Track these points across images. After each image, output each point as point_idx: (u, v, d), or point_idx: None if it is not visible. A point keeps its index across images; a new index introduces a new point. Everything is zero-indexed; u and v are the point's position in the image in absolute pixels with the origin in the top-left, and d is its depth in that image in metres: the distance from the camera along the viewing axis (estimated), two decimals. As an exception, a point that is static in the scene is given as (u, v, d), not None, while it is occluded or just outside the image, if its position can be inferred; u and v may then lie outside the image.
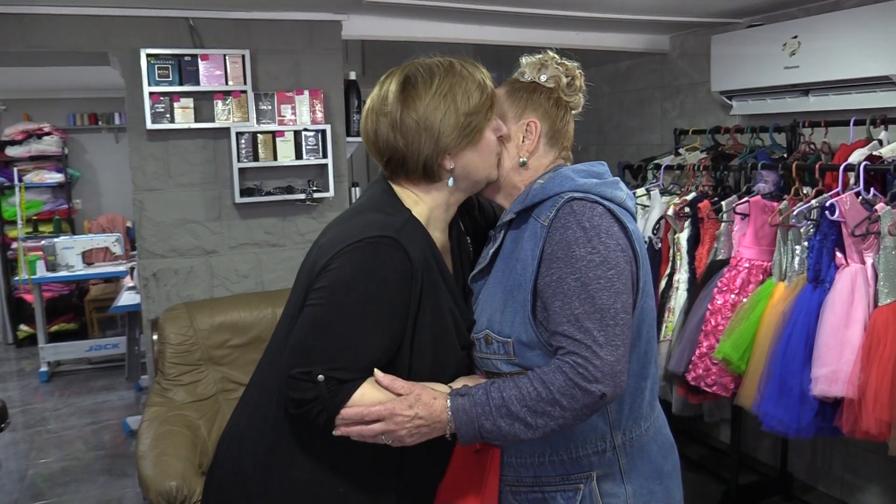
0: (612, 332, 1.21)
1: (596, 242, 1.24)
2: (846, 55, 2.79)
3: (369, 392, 1.23)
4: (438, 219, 1.37)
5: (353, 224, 1.29)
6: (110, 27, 3.00)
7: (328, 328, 1.22)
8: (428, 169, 1.31)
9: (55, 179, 6.83)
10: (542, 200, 1.32)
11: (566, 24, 3.50)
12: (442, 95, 1.28)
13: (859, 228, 2.33)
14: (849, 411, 2.29)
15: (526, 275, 1.29)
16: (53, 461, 3.96)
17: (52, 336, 5.75)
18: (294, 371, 1.20)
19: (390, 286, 1.22)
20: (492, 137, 1.35)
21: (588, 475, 1.34)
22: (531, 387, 1.22)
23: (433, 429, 1.24)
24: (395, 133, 1.30)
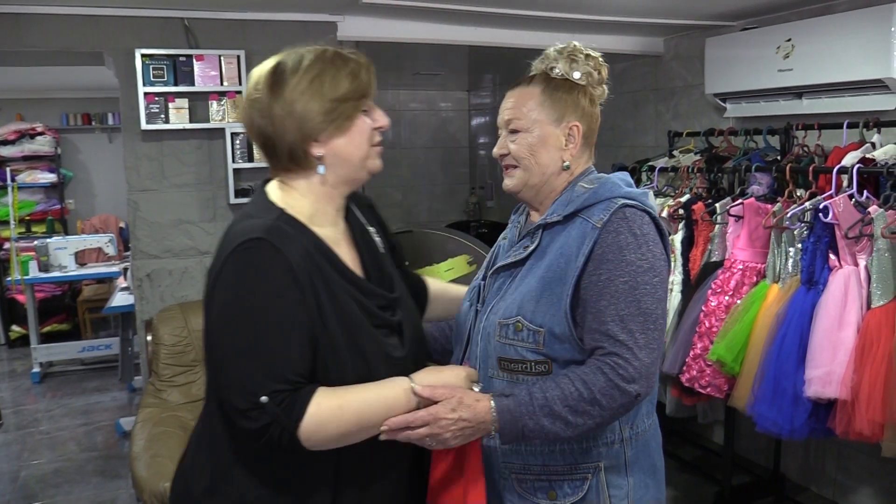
0: (652, 335, 1.28)
1: (645, 249, 1.31)
2: (839, 58, 2.80)
3: (324, 400, 1.22)
4: (325, 213, 1.34)
5: (228, 237, 1.27)
6: (105, 27, 3.00)
7: (241, 352, 1.20)
8: (295, 155, 1.29)
9: (48, 179, 6.81)
10: (592, 204, 1.36)
11: (561, 27, 3.51)
12: (309, 81, 1.27)
13: (852, 231, 2.35)
14: (842, 412, 2.30)
15: (569, 270, 1.32)
16: (46, 462, 3.94)
17: (45, 337, 5.72)
18: (237, 406, 1.19)
19: (277, 286, 1.21)
20: (365, 126, 1.33)
21: (596, 466, 1.38)
22: (573, 387, 1.27)
23: (477, 430, 1.27)
24: (263, 119, 1.29)
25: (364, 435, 1.27)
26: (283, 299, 1.21)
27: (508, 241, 1.54)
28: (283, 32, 3.24)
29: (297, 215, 1.30)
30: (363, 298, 1.32)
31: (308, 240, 1.27)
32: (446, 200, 6.61)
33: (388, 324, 1.36)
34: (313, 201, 1.33)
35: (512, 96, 1.46)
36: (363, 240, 1.42)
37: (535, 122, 1.41)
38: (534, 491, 1.40)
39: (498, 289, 1.44)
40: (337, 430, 1.23)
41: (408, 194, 6.47)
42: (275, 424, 1.18)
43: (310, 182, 1.33)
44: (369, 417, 1.25)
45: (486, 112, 6.45)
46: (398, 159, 6.39)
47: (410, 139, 6.42)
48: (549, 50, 1.46)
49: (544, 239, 1.41)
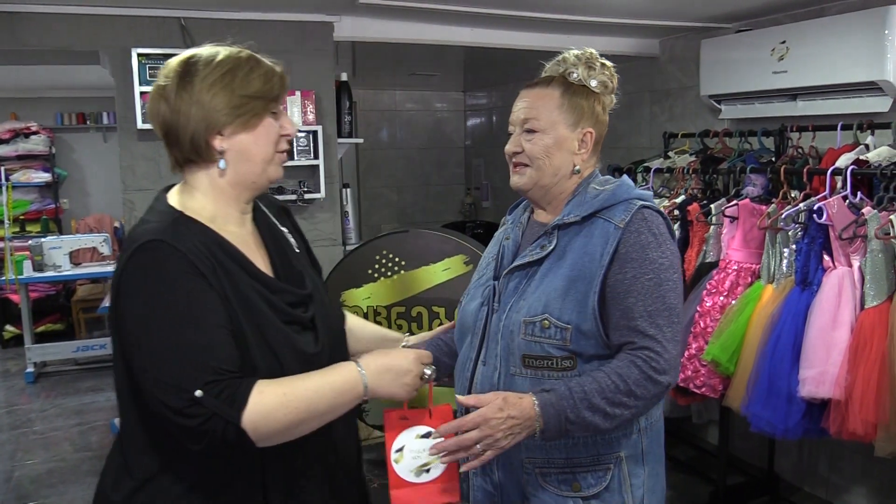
0: (676, 328, 1.37)
1: (665, 248, 1.38)
2: (833, 61, 2.82)
3: (267, 388, 1.19)
4: (227, 214, 1.33)
5: (125, 245, 1.26)
6: (102, 26, 3.00)
7: (164, 351, 1.17)
8: (196, 145, 1.28)
9: (42, 179, 6.78)
10: (611, 205, 1.41)
11: (557, 28, 3.52)
12: (220, 74, 1.27)
13: (846, 232, 2.36)
14: (836, 412, 2.32)
15: (593, 268, 1.37)
16: (40, 462, 3.93)
17: (39, 337, 5.71)
18: (172, 406, 1.15)
19: (183, 282, 1.20)
20: (272, 128, 1.32)
21: (617, 456, 1.43)
22: (609, 380, 1.32)
23: (524, 426, 1.29)
24: (168, 106, 1.28)
25: (315, 423, 1.24)
26: (193, 293, 1.20)
27: (513, 241, 1.55)
28: (280, 32, 3.24)
29: (196, 217, 1.29)
30: (270, 295, 1.30)
31: (209, 238, 1.26)
32: (441, 201, 6.62)
33: (300, 320, 1.35)
34: (214, 201, 1.32)
35: (529, 96, 1.49)
36: (272, 240, 1.42)
37: (552, 123, 1.45)
38: (558, 484, 1.42)
39: (515, 288, 1.45)
40: (285, 418, 1.19)
41: (403, 194, 6.47)
42: (215, 418, 1.15)
43: (211, 178, 1.31)
44: (318, 404, 1.23)
45: (481, 113, 6.46)
46: (393, 159, 6.40)
47: (406, 139, 6.43)
48: (566, 54, 1.50)
49: (561, 239, 1.44)
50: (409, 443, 1.39)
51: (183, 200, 1.31)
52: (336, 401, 1.25)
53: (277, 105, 1.34)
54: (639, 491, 1.44)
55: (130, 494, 1.27)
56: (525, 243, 1.53)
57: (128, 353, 1.22)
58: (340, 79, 3.47)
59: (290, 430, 1.22)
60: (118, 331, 1.24)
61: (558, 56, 1.52)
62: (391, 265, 2.26)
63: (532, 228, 1.55)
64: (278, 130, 1.34)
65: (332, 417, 1.27)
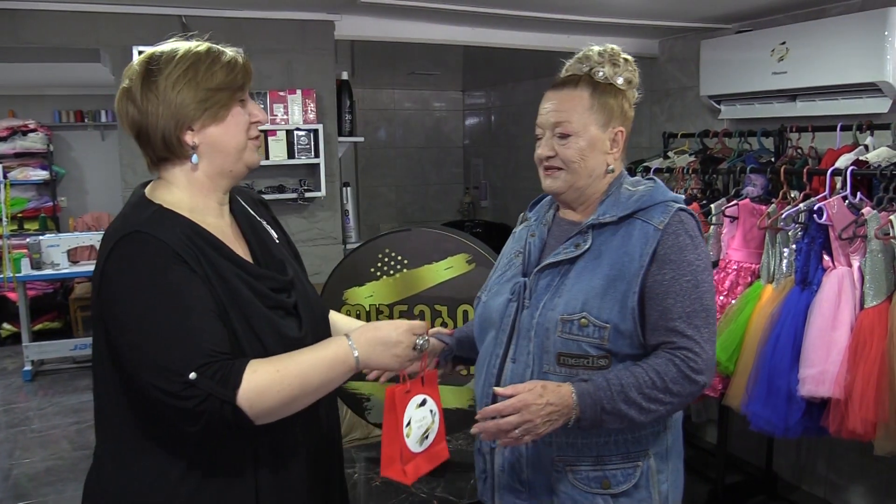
0: (712, 329, 1.40)
1: (700, 250, 1.42)
2: (833, 61, 2.83)
3: (260, 367, 1.21)
4: (205, 206, 1.35)
5: (104, 239, 1.27)
6: (102, 24, 3.00)
7: (154, 338, 1.18)
8: (168, 143, 1.30)
9: (40, 177, 6.78)
10: (649, 206, 1.43)
11: (556, 27, 3.53)
12: (182, 70, 1.28)
13: (846, 232, 2.37)
14: (835, 411, 2.32)
15: (633, 269, 1.39)
16: (38, 460, 3.93)
17: (36, 335, 5.70)
18: (167, 389, 1.16)
19: (166, 269, 1.21)
20: (241, 117, 1.34)
21: (645, 453, 1.45)
22: (646, 376, 1.35)
23: (561, 414, 1.32)
24: (135, 107, 1.29)
25: (309, 399, 1.26)
26: (179, 279, 1.21)
27: (539, 238, 1.55)
28: (281, 31, 3.24)
29: (175, 209, 1.30)
30: (253, 281, 1.32)
31: (189, 229, 1.27)
32: (440, 200, 6.62)
33: (283, 305, 1.37)
34: (192, 194, 1.34)
35: (557, 98, 1.48)
36: (251, 229, 1.43)
37: (584, 126, 1.44)
38: (588, 482, 1.43)
39: (547, 286, 1.45)
40: (280, 394, 1.21)
41: (402, 194, 6.48)
42: (211, 399, 1.16)
43: (186, 173, 1.33)
44: (312, 379, 1.25)
45: (480, 112, 6.47)
46: (392, 159, 6.40)
47: (405, 139, 6.43)
48: (589, 52, 1.49)
49: (596, 238, 1.44)
50: (413, 414, 1.42)
51: (161, 195, 1.33)
52: (328, 375, 1.27)
53: (244, 93, 1.36)
54: (664, 486, 1.47)
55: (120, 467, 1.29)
56: (553, 241, 1.54)
57: (117, 342, 1.22)
58: (341, 77, 3.48)
59: (285, 406, 1.23)
60: (104, 321, 1.24)
61: (579, 53, 1.51)
62: (393, 263, 2.26)
63: (560, 226, 1.55)
64: (248, 118, 1.36)
65: (325, 392, 1.29)
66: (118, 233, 1.23)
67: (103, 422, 1.33)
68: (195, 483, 1.27)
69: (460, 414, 2.34)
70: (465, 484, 2.35)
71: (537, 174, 1.54)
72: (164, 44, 1.34)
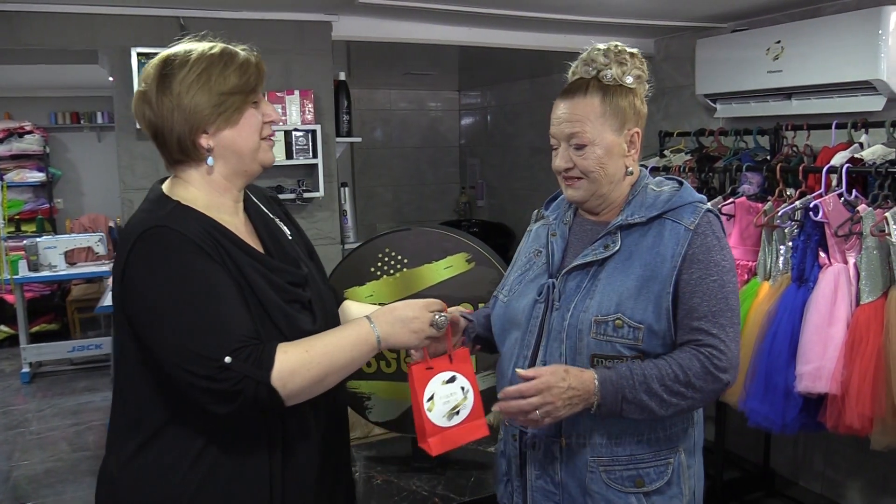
0: (737, 329, 1.41)
1: (726, 251, 1.44)
2: (828, 60, 2.85)
3: (290, 348, 1.26)
4: (221, 204, 1.38)
5: (125, 233, 1.30)
6: (101, 25, 3.00)
7: (186, 327, 1.22)
8: (183, 146, 1.33)
9: (37, 178, 6.78)
10: (678, 207, 1.44)
11: (553, 27, 3.54)
12: (196, 74, 1.30)
13: (842, 229, 2.39)
14: (832, 407, 2.35)
15: (665, 269, 1.40)
16: (38, 462, 3.93)
17: (33, 337, 5.70)
18: (203, 374, 1.21)
19: (191, 260, 1.25)
20: (254, 119, 1.37)
21: (676, 450, 1.47)
22: (670, 369, 1.36)
23: (582, 399, 1.34)
24: (152, 110, 1.32)
25: (336, 377, 1.33)
26: (205, 269, 1.25)
27: (560, 238, 1.55)
28: (279, 32, 3.25)
29: (192, 206, 1.33)
30: (270, 274, 1.36)
31: (206, 224, 1.31)
32: (437, 200, 6.63)
33: (299, 299, 1.40)
34: (207, 193, 1.37)
35: (569, 107, 1.45)
36: (265, 228, 1.46)
37: (599, 133, 1.43)
38: (622, 481, 1.44)
39: (577, 287, 1.45)
40: (309, 373, 1.27)
41: (398, 193, 6.49)
42: (246, 380, 1.21)
43: (202, 173, 1.36)
44: (338, 358, 1.31)
45: (476, 112, 6.48)
46: (388, 159, 6.40)
47: (401, 139, 6.44)
48: (593, 53, 1.47)
49: (625, 239, 1.45)
50: (437, 390, 1.47)
51: (178, 192, 1.36)
52: (353, 353, 1.34)
53: (257, 95, 1.38)
54: (692, 480, 1.50)
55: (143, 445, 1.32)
56: (577, 241, 1.54)
57: (146, 333, 1.26)
58: (339, 78, 3.48)
59: (314, 385, 1.29)
60: (127, 313, 1.28)
61: (583, 54, 1.49)
62: (394, 263, 2.27)
63: (583, 227, 1.55)
64: (261, 119, 1.38)
65: (350, 371, 1.35)
66: (139, 228, 1.26)
67: (123, 408, 1.36)
68: (210, 465, 1.31)
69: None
70: (465, 482, 2.37)
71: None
72: (179, 45, 1.36)
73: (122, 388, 1.37)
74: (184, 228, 1.26)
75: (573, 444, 1.44)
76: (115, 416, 1.39)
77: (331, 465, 1.48)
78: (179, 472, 1.30)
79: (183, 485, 1.30)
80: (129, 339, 1.31)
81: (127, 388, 1.35)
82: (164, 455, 1.31)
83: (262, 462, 1.34)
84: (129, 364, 1.33)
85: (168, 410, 1.31)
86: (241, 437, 1.33)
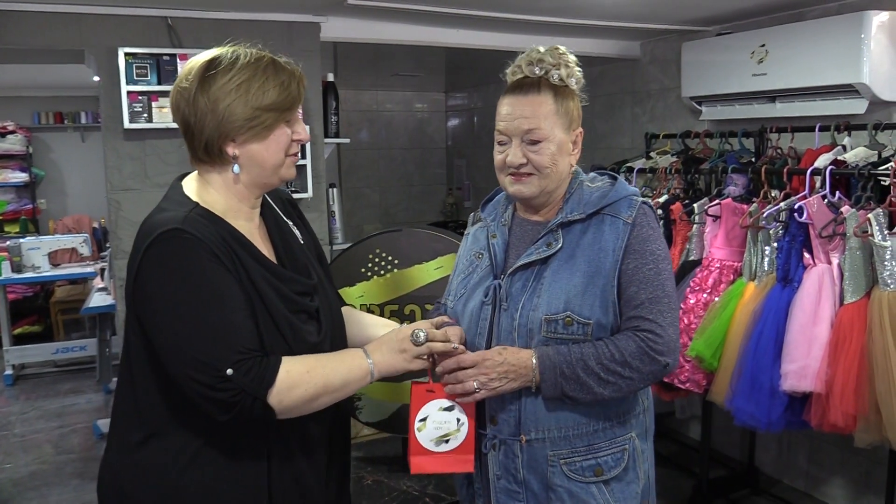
0: (674, 315, 1.47)
1: (661, 241, 1.49)
2: (811, 64, 2.89)
3: (293, 366, 1.30)
4: (238, 209, 1.39)
5: (143, 231, 1.31)
6: (88, 25, 2.98)
7: (192, 333, 1.24)
8: (210, 149, 1.34)
9: (19, 179, 6.71)
10: (615, 201, 1.49)
11: (540, 30, 3.56)
12: (236, 84, 1.31)
13: (826, 230, 2.43)
14: (817, 405, 2.38)
15: (608, 263, 1.45)
16: (22, 465, 3.89)
17: (16, 339, 5.64)
18: (204, 382, 1.23)
19: (205, 267, 1.26)
20: (283, 137, 1.37)
21: (630, 436, 1.52)
22: (606, 349, 1.42)
23: (519, 374, 1.41)
24: (188, 107, 1.33)
25: (328, 400, 1.35)
26: (216, 278, 1.27)
27: (501, 239, 1.57)
28: (268, 32, 3.24)
29: (210, 208, 1.35)
30: (279, 284, 1.38)
31: (223, 229, 1.33)
32: (423, 201, 6.64)
33: (306, 309, 1.43)
34: (227, 197, 1.38)
35: (523, 104, 1.47)
36: (279, 233, 1.48)
37: (552, 131, 1.47)
38: (582, 471, 1.47)
39: (523, 287, 1.48)
40: (305, 393, 1.30)
41: (385, 195, 6.49)
42: (244, 394, 1.24)
43: (223, 178, 1.38)
44: (332, 381, 1.34)
45: (462, 113, 6.50)
46: (375, 160, 6.40)
47: (388, 140, 6.44)
48: (540, 54, 1.49)
49: (566, 236, 1.48)
50: (432, 414, 1.49)
51: (198, 192, 1.37)
52: (347, 379, 1.37)
53: (292, 114, 1.38)
54: (646, 465, 1.56)
55: (145, 440, 1.34)
56: (517, 241, 1.56)
57: (153, 335, 1.28)
58: (327, 79, 3.49)
59: (308, 404, 1.32)
60: (140, 311, 1.30)
61: (524, 54, 1.51)
62: (384, 264, 2.28)
63: (522, 227, 1.57)
64: (290, 136, 1.38)
65: (342, 395, 1.38)
66: (158, 228, 1.27)
67: (126, 402, 1.38)
68: (208, 465, 1.33)
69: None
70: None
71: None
72: (228, 47, 1.36)
73: (126, 381, 1.38)
74: (201, 233, 1.27)
75: (533, 441, 1.47)
76: (118, 409, 1.40)
77: (334, 475, 1.50)
78: (178, 468, 1.32)
79: (181, 481, 1.32)
80: (136, 336, 1.33)
81: (131, 383, 1.37)
82: (165, 451, 1.33)
83: (261, 468, 1.36)
84: (134, 358, 1.35)
85: (170, 407, 1.33)
86: (241, 441, 1.34)
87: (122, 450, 1.37)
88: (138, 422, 1.35)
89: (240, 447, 1.35)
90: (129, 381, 1.37)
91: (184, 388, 1.26)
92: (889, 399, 2.22)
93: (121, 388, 1.41)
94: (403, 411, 2.37)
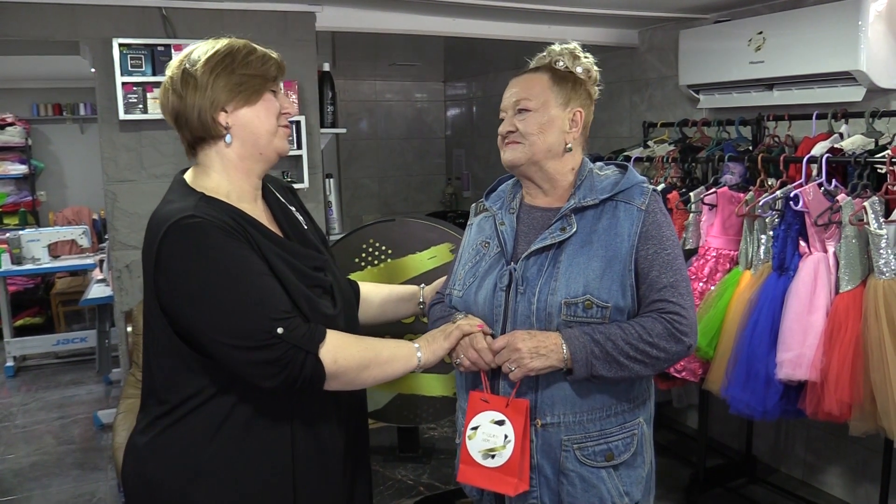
0: (692, 298, 1.51)
1: (672, 227, 1.54)
2: (809, 51, 2.87)
3: (340, 333, 1.36)
4: (242, 190, 1.43)
5: (154, 223, 1.34)
6: (82, 16, 2.97)
7: (232, 308, 1.28)
8: (203, 122, 1.37)
9: (19, 171, 6.71)
10: (627, 188, 1.53)
11: (537, 18, 3.55)
12: (220, 58, 1.38)
13: (822, 218, 2.42)
14: (812, 394, 2.38)
15: (624, 248, 1.47)
16: (23, 456, 3.91)
17: (17, 330, 5.66)
18: (253, 344, 1.27)
19: (226, 245, 1.30)
20: (272, 104, 1.43)
21: (639, 421, 1.56)
22: (633, 329, 1.44)
23: (549, 350, 1.42)
24: (176, 96, 1.39)
25: (377, 372, 1.40)
26: (242, 252, 1.31)
27: (509, 226, 1.58)
28: (262, 22, 3.23)
29: (215, 195, 1.38)
30: (293, 260, 1.41)
31: (231, 212, 1.36)
32: (423, 191, 6.64)
33: (321, 283, 1.46)
34: (228, 178, 1.42)
35: (519, 82, 1.57)
36: (283, 216, 1.51)
37: (544, 103, 1.53)
38: (594, 456, 1.50)
39: (539, 271, 1.49)
40: (357, 355, 1.36)
41: (384, 185, 6.48)
42: (296, 350, 1.28)
43: (221, 157, 1.41)
44: (382, 353, 1.41)
45: (461, 103, 6.48)
46: (374, 150, 6.40)
47: (387, 130, 6.43)
48: (551, 47, 1.59)
49: (580, 221, 1.51)
50: (483, 424, 1.50)
51: (199, 181, 1.41)
52: (396, 352, 1.44)
53: (276, 84, 1.44)
54: (651, 448, 1.60)
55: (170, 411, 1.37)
56: (527, 228, 1.57)
57: (191, 319, 1.30)
58: (323, 69, 3.47)
59: (358, 373, 1.37)
60: (170, 300, 1.32)
61: (544, 50, 1.61)
62: (378, 253, 2.28)
63: (530, 214, 1.59)
64: (279, 107, 1.44)
65: (389, 373, 1.43)
66: (169, 218, 1.30)
67: (150, 386, 1.41)
68: (232, 443, 1.36)
69: (446, 401, 2.36)
70: (450, 470, 2.38)
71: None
72: (206, 41, 1.42)
73: (149, 366, 1.41)
74: (212, 217, 1.30)
75: (548, 425, 1.49)
76: (144, 393, 1.44)
77: (352, 455, 1.53)
78: (201, 447, 1.35)
79: (204, 459, 1.35)
80: (158, 325, 1.35)
81: (154, 367, 1.40)
82: (189, 431, 1.36)
83: (285, 441, 1.39)
84: (157, 345, 1.38)
85: (193, 389, 1.36)
86: (264, 421, 1.38)
87: (146, 433, 1.40)
88: (161, 405, 1.38)
89: (264, 426, 1.38)
90: (151, 368, 1.41)
91: (229, 362, 1.29)
92: (884, 388, 2.22)
93: (144, 376, 1.44)
94: (398, 401, 2.38)
